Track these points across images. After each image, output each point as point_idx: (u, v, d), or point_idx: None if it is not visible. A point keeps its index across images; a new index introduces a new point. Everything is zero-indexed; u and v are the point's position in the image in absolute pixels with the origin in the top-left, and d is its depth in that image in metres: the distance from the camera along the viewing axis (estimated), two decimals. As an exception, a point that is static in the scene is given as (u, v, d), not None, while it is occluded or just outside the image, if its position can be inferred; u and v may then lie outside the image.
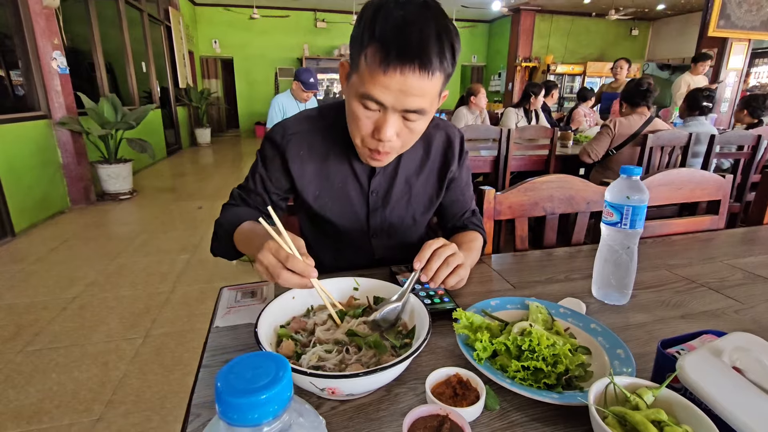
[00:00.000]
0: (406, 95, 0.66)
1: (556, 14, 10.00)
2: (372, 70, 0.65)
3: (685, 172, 1.22)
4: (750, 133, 2.58)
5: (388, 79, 0.64)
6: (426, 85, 0.65)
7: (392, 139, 0.72)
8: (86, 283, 2.52)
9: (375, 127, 0.72)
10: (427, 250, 0.67)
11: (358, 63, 0.68)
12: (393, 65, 0.63)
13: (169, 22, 7.34)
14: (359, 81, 0.69)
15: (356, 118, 0.72)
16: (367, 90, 0.67)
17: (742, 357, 0.45)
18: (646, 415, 0.42)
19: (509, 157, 2.79)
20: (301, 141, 0.87)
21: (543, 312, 0.66)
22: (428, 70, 0.64)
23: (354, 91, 0.71)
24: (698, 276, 0.89)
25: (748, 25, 4.94)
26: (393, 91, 0.65)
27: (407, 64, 0.63)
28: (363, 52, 0.66)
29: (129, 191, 4.56)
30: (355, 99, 0.70)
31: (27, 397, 1.59)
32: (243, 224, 0.78)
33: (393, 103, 0.67)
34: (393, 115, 0.69)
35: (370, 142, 0.74)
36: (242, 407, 0.21)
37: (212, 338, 0.65)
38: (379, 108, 0.69)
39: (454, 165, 0.94)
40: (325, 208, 0.90)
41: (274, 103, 3.36)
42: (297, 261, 0.56)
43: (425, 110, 0.70)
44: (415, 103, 0.67)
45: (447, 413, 0.44)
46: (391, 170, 0.90)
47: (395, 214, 0.92)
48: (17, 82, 3.81)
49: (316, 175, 0.88)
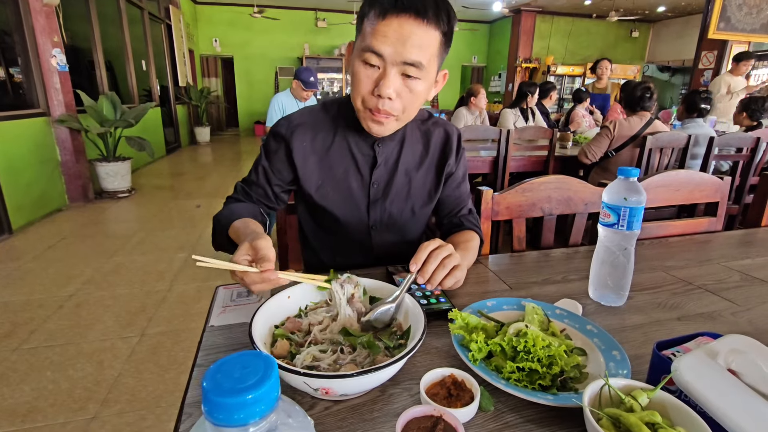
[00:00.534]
0: (404, 44, 0.69)
1: (556, 15, 10.01)
2: (372, 24, 0.70)
3: (684, 174, 1.22)
4: (749, 136, 2.58)
5: (386, 26, 0.69)
6: (423, 34, 0.70)
7: (392, 96, 0.74)
8: (83, 281, 2.51)
9: (375, 85, 0.74)
10: (423, 251, 0.67)
11: (362, 26, 0.74)
12: (391, 12, 0.68)
13: (170, 20, 7.33)
14: (361, 40, 0.73)
15: (357, 78, 0.75)
16: (367, 43, 0.71)
17: (738, 359, 0.45)
18: (641, 417, 0.41)
19: (508, 157, 2.79)
20: (305, 132, 0.88)
21: (539, 313, 0.66)
22: (424, 18, 0.68)
23: (356, 53, 0.75)
24: (695, 278, 0.88)
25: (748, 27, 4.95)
26: (391, 39, 0.69)
27: (404, 12, 0.68)
28: (366, 17, 0.72)
29: (127, 189, 4.55)
30: (357, 59, 0.74)
31: (22, 396, 1.58)
32: (235, 222, 0.80)
33: (392, 53, 0.70)
34: (392, 69, 0.72)
35: (370, 101, 0.76)
36: (228, 407, 0.20)
37: (207, 337, 0.65)
38: (379, 63, 0.72)
39: (452, 159, 0.96)
40: (327, 199, 0.91)
41: (274, 101, 3.35)
42: (252, 276, 0.60)
43: (423, 64, 0.72)
44: (413, 53, 0.70)
45: (441, 414, 0.44)
46: (392, 163, 0.92)
47: (395, 206, 0.94)
48: (16, 79, 3.80)
49: (318, 165, 0.89)
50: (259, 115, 9.99)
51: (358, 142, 0.89)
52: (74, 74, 4.11)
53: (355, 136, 0.89)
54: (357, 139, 0.89)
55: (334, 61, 9.87)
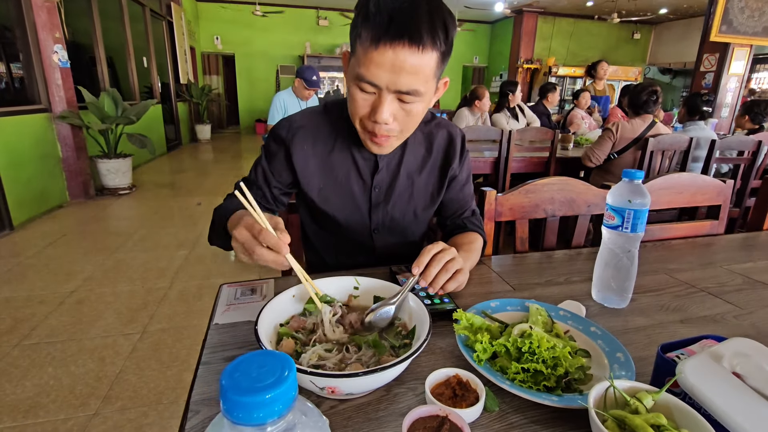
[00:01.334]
0: (398, 73, 0.67)
1: (558, 16, 10.01)
2: (365, 49, 0.67)
3: (686, 177, 1.22)
4: (750, 139, 2.59)
5: (380, 55, 0.66)
6: (418, 61, 0.66)
7: (388, 122, 0.73)
8: (84, 277, 2.52)
9: (371, 109, 0.73)
10: (425, 255, 0.68)
11: (355, 47, 0.71)
12: (383, 41, 0.65)
13: (171, 17, 7.32)
14: (355, 63, 0.71)
15: (354, 100, 0.74)
16: (362, 71, 0.69)
17: (743, 362, 0.45)
18: (646, 419, 0.42)
19: (510, 158, 2.79)
20: (306, 135, 0.88)
21: (543, 314, 0.66)
22: (419, 45, 0.65)
23: (352, 74, 0.73)
24: (698, 281, 0.89)
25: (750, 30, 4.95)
26: (385, 69, 0.67)
27: (397, 40, 0.64)
28: (358, 33, 0.69)
29: (128, 186, 4.55)
30: (353, 82, 0.73)
31: (23, 391, 1.58)
32: (238, 212, 0.77)
33: (386, 82, 0.68)
34: (388, 96, 0.70)
35: (367, 124, 0.76)
36: (247, 406, 0.21)
37: (212, 335, 0.65)
38: (375, 90, 0.70)
39: (455, 162, 0.95)
40: (328, 202, 0.90)
41: (276, 100, 3.35)
42: (270, 235, 0.56)
43: (419, 91, 0.70)
44: (408, 82, 0.68)
45: (446, 414, 0.44)
46: (394, 166, 0.91)
47: (397, 209, 0.93)
48: (18, 75, 3.80)
49: (319, 169, 0.89)
50: (259, 113, 9.98)
51: (360, 146, 0.88)
52: (75, 70, 4.11)
53: (356, 139, 0.87)
54: (358, 143, 0.88)
55: (335, 60, 9.86)
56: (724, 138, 2.58)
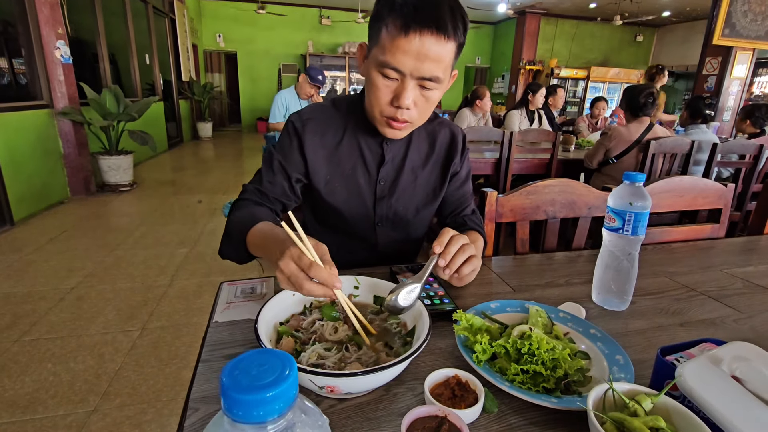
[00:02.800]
0: (423, 60, 0.71)
1: (561, 18, 10.00)
2: (393, 37, 0.71)
3: (688, 180, 1.22)
4: (752, 143, 2.59)
5: (408, 42, 0.69)
6: (442, 50, 0.71)
7: (410, 107, 0.76)
8: (84, 274, 2.52)
9: (394, 96, 0.76)
10: (446, 234, 0.69)
11: (379, 36, 0.73)
12: (413, 29, 0.69)
13: (174, 14, 7.33)
14: (380, 51, 0.74)
15: (376, 88, 0.76)
16: (387, 58, 0.72)
17: (742, 366, 0.46)
18: (645, 422, 0.42)
19: (511, 159, 2.79)
20: (316, 127, 0.90)
21: (543, 316, 0.66)
22: (444, 34, 0.70)
23: (374, 63, 0.75)
24: (698, 284, 0.89)
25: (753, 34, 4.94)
26: (411, 55, 0.70)
27: (425, 28, 0.69)
28: (384, 23, 0.72)
29: (129, 183, 4.55)
30: (375, 70, 0.75)
31: (22, 387, 1.58)
32: (258, 224, 0.75)
33: (411, 69, 0.72)
34: (411, 82, 0.74)
35: (388, 111, 0.78)
36: (248, 404, 0.21)
37: (211, 333, 0.65)
38: (398, 76, 0.74)
39: (457, 158, 0.98)
40: (334, 194, 0.92)
41: (277, 98, 3.36)
42: (321, 270, 0.54)
43: (440, 78, 0.74)
44: (432, 69, 0.72)
45: (445, 414, 0.44)
46: (399, 161, 0.94)
47: (401, 203, 0.96)
48: (20, 71, 3.80)
49: (327, 160, 0.91)
50: (261, 111, 9.99)
51: (368, 140, 0.91)
52: (78, 67, 4.11)
53: (364, 134, 0.91)
54: (366, 137, 0.91)
55: (337, 59, 9.86)
56: (726, 141, 2.58)
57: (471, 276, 0.72)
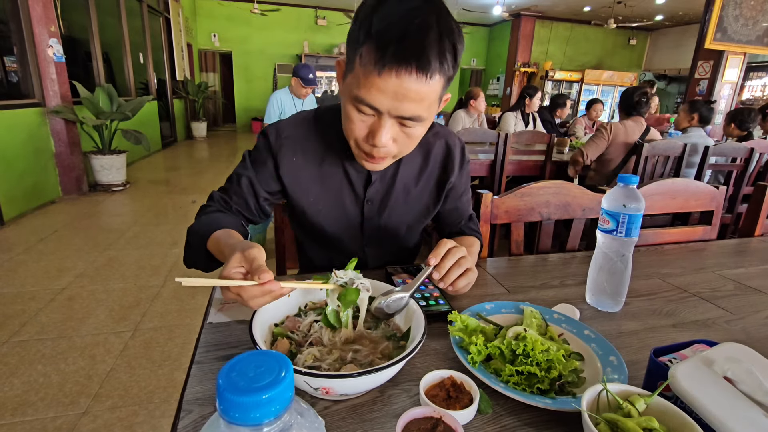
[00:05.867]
0: (401, 100, 0.62)
1: (556, 21, 10.08)
2: (366, 71, 0.61)
3: (680, 182, 1.23)
4: (743, 146, 2.62)
5: (383, 81, 0.60)
6: (424, 88, 0.61)
7: (387, 145, 0.69)
8: (75, 274, 2.49)
9: (369, 131, 0.68)
10: (442, 247, 0.67)
11: (354, 63, 0.64)
12: (389, 66, 0.59)
13: (169, 13, 7.29)
14: (354, 82, 0.65)
15: (350, 120, 0.69)
16: (361, 94, 0.63)
17: (734, 367, 0.46)
18: (638, 423, 0.42)
19: (506, 161, 2.81)
20: (295, 146, 0.83)
21: (537, 317, 0.66)
22: (426, 72, 0.60)
23: (348, 92, 0.67)
24: (690, 285, 0.89)
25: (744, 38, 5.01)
26: (388, 95, 0.62)
27: (404, 66, 0.59)
28: (358, 50, 0.63)
29: (122, 183, 4.51)
30: (350, 101, 0.67)
31: (11, 389, 1.56)
32: (216, 232, 0.72)
33: (388, 108, 0.63)
34: (388, 121, 0.66)
35: (364, 146, 0.71)
36: (244, 406, 0.20)
37: (205, 334, 0.65)
38: (374, 113, 0.66)
39: (454, 176, 0.92)
40: (320, 215, 0.87)
41: (272, 99, 3.34)
42: (251, 290, 0.53)
43: (422, 117, 0.66)
44: (412, 109, 0.63)
45: (440, 416, 0.44)
46: (389, 178, 0.87)
47: (391, 221, 0.90)
48: (11, 69, 3.76)
49: (311, 181, 0.85)
50: (256, 111, 9.95)
51: (352, 158, 0.82)
52: (71, 65, 4.07)
53: (348, 151, 0.81)
54: (350, 155, 0.82)
55: (333, 59, 9.85)
56: (718, 144, 2.61)
57: (466, 288, 0.72)
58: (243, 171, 0.85)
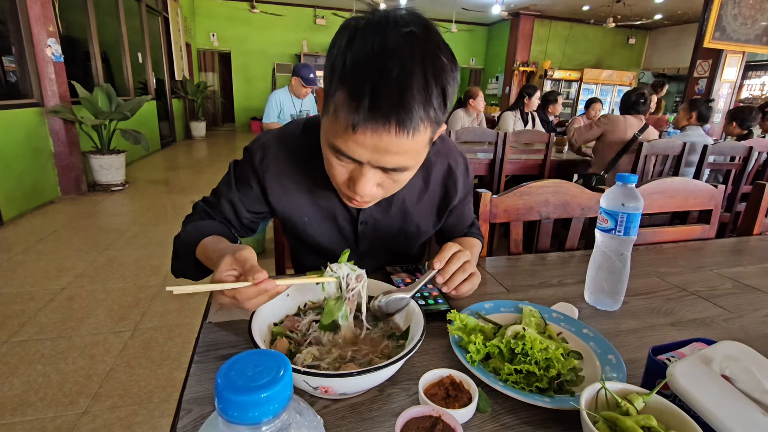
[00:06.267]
0: (383, 154, 0.56)
1: (555, 20, 10.08)
2: (341, 122, 0.54)
3: (679, 181, 1.24)
4: (742, 144, 2.62)
5: (359, 137, 0.54)
6: (407, 143, 0.54)
7: (371, 192, 0.63)
8: (75, 274, 2.49)
9: (351, 178, 0.62)
10: (447, 251, 0.67)
11: (329, 106, 0.57)
12: (363, 125, 0.52)
13: (167, 13, 7.27)
14: (330, 128, 0.58)
15: (330, 165, 0.62)
16: (338, 144, 0.57)
17: (732, 366, 0.46)
18: (636, 421, 0.42)
19: (505, 160, 2.81)
20: (281, 168, 0.78)
21: (536, 316, 0.66)
22: (408, 129, 0.52)
23: (326, 136, 0.60)
24: (689, 284, 0.90)
25: (742, 37, 5.02)
26: (367, 149, 0.55)
27: (381, 124, 0.52)
28: (332, 96, 0.56)
29: (121, 183, 4.51)
30: (327, 146, 0.61)
31: (11, 389, 1.56)
32: (204, 240, 0.69)
33: (368, 159, 0.57)
34: (371, 170, 0.60)
35: (347, 191, 0.66)
36: (242, 405, 0.20)
37: (205, 334, 0.65)
38: (354, 162, 0.60)
39: (457, 198, 0.87)
40: (314, 231, 0.84)
41: (271, 98, 3.35)
42: (246, 291, 0.51)
43: (409, 166, 0.61)
44: (395, 161, 0.57)
45: (439, 414, 0.44)
46: (384, 202, 0.81)
47: (388, 239, 0.87)
48: (10, 69, 3.75)
49: (302, 202, 0.81)
50: (255, 111, 9.94)
51: None
52: (69, 65, 4.07)
53: None
54: None
55: (332, 59, 9.83)
56: (717, 143, 2.62)
57: (469, 293, 0.71)
58: (226, 192, 0.80)
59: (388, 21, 0.53)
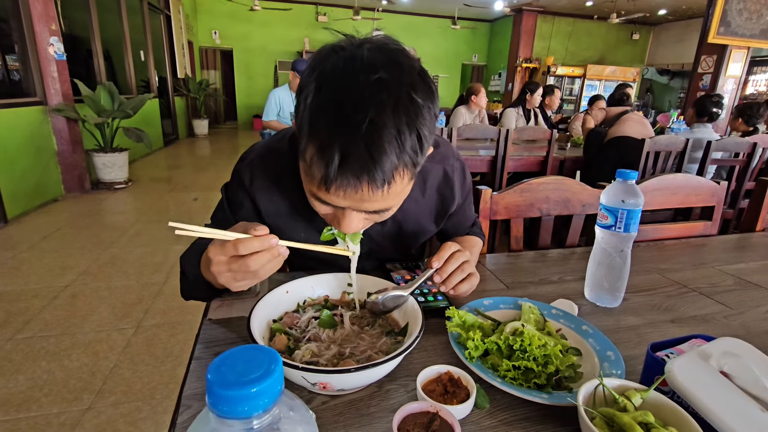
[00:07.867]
0: (360, 203, 0.54)
1: (557, 16, 10.01)
2: (315, 176, 0.52)
3: (681, 178, 1.23)
4: (746, 141, 2.60)
5: (333, 194, 0.53)
6: (383, 194, 0.53)
7: (357, 228, 0.60)
8: (78, 272, 2.50)
9: (334, 217, 0.61)
10: (446, 251, 0.67)
11: (302, 151, 0.54)
12: (335, 183, 0.50)
13: (169, 11, 7.27)
14: (305, 175, 0.56)
15: (312, 203, 0.60)
16: (315, 192, 0.55)
17: (730, 362, 0.46)
18: (634, 417, 0.42)
19: (507, 157, 2.80)
20: (270, 187, 0.76)
21: (535, 312, 0.66)
22: (381, 184, 0.51)
23: (303, 178, 0.58)
24: (690, 281, 0.89)
25: (747, 32, 4.97)
26: (345, 200, 0.54)
27: (352, 183, 0.50)
28: (303, 144, 0.53)
29: (124, 181, 4.53)
30: (306, 189, 0.59)
31: (16, 385, 1.58)
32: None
33: (348, 206, 0.56)
34: (353, 213, 0.57)
35: (333, 225, 0.63)
36: (232, 399, 0.21)
37: (205, 331, 0.65)
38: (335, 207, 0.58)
39: (455, 205, 0.86)
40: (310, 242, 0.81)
41: (271, 96, 3.35)
42: (248, 241, 0.49)
43: (391, 206, 0.59)
44: (375, 206, 0.56)
45: (437, 410, 0.44)
46: None
47: (384, 248, 0.86)
48: (13, 67, 3.77)
49: (296, 219, 0.78)
50: (257, 108, 9.94)
51: None
52: (72, 63, 4.07)
53: None
54: None
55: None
56: (721, 140, 2.60)
57: (467, 293, 0.71)
58: (222, 217, 0.79)
59: (354, 66, 0.50)
